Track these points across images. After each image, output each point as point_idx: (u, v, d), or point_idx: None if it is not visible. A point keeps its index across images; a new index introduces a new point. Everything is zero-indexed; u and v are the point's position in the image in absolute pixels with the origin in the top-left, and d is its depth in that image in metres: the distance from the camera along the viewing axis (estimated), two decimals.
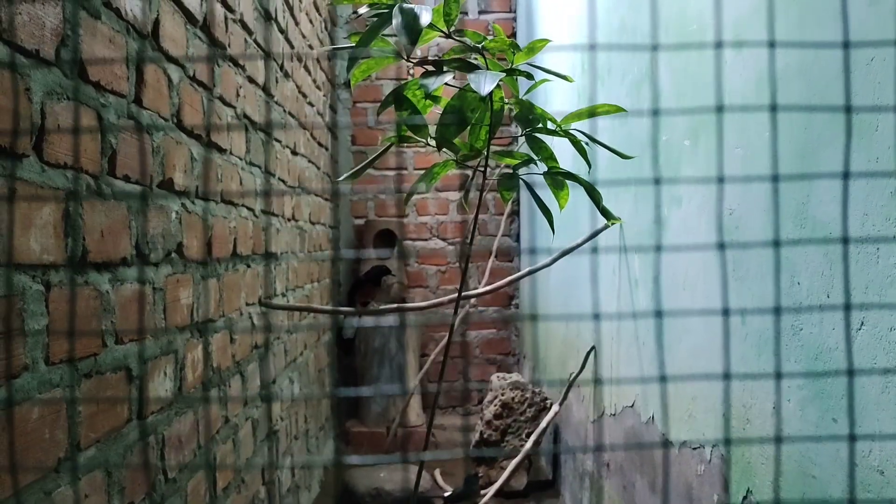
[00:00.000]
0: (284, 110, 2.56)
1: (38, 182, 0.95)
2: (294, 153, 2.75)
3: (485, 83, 1.18)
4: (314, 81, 3.32)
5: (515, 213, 4.30)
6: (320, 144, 3.50)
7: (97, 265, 1.11)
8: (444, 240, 4.27)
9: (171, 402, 1.41)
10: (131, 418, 1.23)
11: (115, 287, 1.16)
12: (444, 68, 1.26)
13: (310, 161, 3.13)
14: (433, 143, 1.35)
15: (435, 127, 1.32)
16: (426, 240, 4.27)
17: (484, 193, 4.24)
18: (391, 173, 4.25)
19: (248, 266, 2.02)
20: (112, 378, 1.16)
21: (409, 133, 1.37)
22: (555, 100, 3.14)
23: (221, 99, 1.76)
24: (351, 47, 1.25)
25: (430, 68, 1.27)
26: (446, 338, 1.62)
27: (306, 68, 3.10)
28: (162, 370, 1.37)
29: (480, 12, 4.30)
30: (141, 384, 1.27)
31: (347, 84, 4.21)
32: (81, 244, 1.06)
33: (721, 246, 1.38)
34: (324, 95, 3.63)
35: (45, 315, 0.96)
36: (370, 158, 1.41)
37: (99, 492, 1.11)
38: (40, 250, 0.96)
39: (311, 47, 3.17)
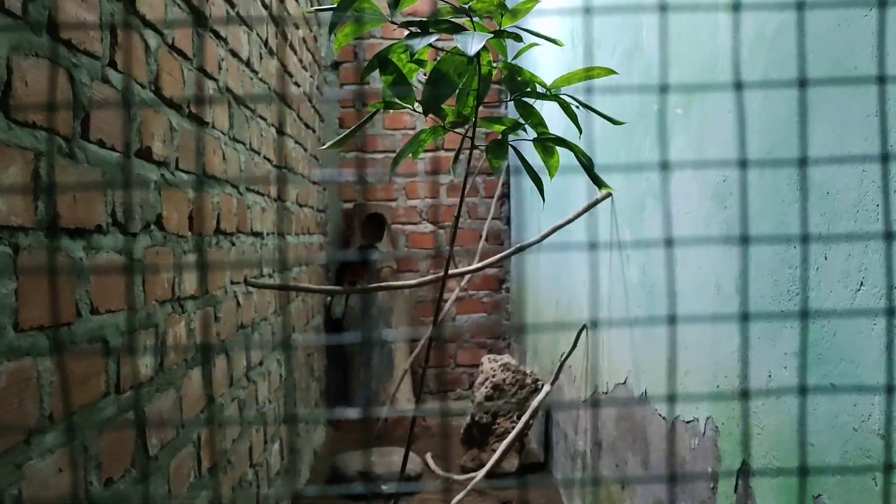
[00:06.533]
0: (269, 88, 2.52)
1: (3, 140, 0.91)
2: (280, 132, 2.70)
3: (472, 44, 1.14)
4: (300, 61, 3.26)
5: (506, 196, 4.27)
6: (307, 126, 3.45)
7: (70, 231, 1.07)
8: (433, 223, 4.23)
9: (152, 378, 1.37)
10: (109, 392, 1.19)
11: (89, 255, 1.12)
12: (430, 30, 1.22)
13: (296, 142, 3.08)
14: (420, 109, 1.31)
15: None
16: (416, 223, 4.23)
17: (473, 176, 4.20)
18: (380, 156, 4.20)
19: (233, 244, 1.98)
20: (87, 349, 1.12)
21: (394, 99, 1.33)
22: (545, 73, 3.10)
23: (202, 70, 1.71)
24: (333, 8, 1.21)
25: (416, 30, 1.23)
26: (434, 323, 1.58)
27: (292, 47, 3.04)
28: (141, 344, 1.33)
29: None
30: (119, 357, 1.23)
31: (335, 65, 4.16)
32: (52, 208, 1.02)
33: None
34: (310, 76, 3.58)
35: (13, 279, 0.92)
36: (356, 125, 1.37)
37: (74, 466, 1.07)
38: (7, 211, 0.91)
39: (296, 26, 3.12)
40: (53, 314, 1.01)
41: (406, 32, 1.24)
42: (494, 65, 1.32)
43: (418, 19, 1.23)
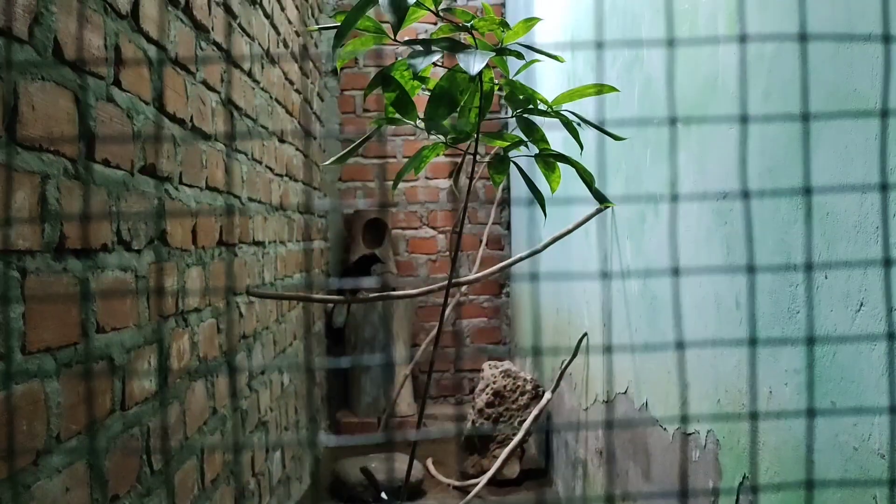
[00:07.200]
0: (271, 97, 2.52)
1: (11, 165, 0.92)
2: (281, 140, 2.71)
3: (474, 62, 1.15)
4: (301, 69, 3.27)
5: (506, 202, 4.27)
6: (307, 133, 3.45)
7: (76, 252, 1.07)
8: (434, 228, 4.24)
9: (156, 393, 1.38)
10: (114, 409, 1.20)
11: (95, 274, 1.13)
12: (433, 48, 1.23)
13: (297, 149, 3.09)
14: (422, 125, 1.32)
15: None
16: (416, 228, 4.23)
17: (474, 181, 4.21)
18: (380, 162, 4.20)
19: (235, 255, 1.99)
20: (94, 368, 1.12)
21: (396, 115, 1.34)
22: (545, 86, 3.11)
23: (205, 84, 1.72)
24: (337, 26, 1.21)
25: (418, 48, 1.24)
26: (437, 326, 1.59)
27: (293, 55, 3.05)
28: (146, 360, 1.33)
29: None
30: (124, 374, 1.24)
31: (335, 72, 4.16)
32: (59, 230, 1.03)
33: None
34: (311, 83, 3.59)
35: (20, 302, 0.93)
36: (357, 142, 1.38)
37: (81, 485, 1.08)
38: (15, 235, 0.92)
39: (297, 34, 3.13)
40: (61, 336, 1.02)
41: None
42: (496, 82, 1.33)
43: (421, 38, 1.24)
